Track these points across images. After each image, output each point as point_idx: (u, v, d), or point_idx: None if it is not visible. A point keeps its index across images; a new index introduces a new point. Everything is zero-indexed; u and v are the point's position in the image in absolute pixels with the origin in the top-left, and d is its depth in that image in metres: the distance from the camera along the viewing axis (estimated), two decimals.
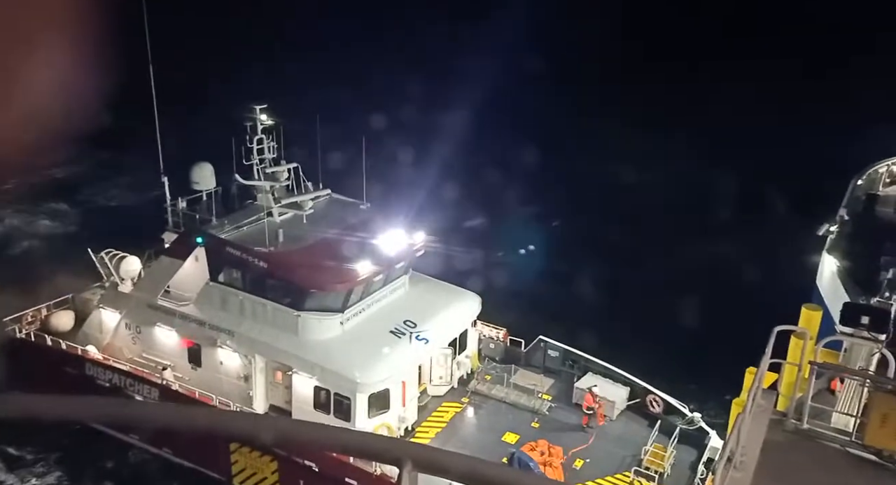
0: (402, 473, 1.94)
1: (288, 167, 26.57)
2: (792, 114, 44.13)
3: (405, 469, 1.94)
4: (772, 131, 42.70)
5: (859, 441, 10.92)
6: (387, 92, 51.17)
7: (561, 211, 39.36)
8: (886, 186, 18.55)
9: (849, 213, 17.93)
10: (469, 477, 1.90)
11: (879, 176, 19.02)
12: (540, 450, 21.61)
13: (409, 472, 1.94)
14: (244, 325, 23.63)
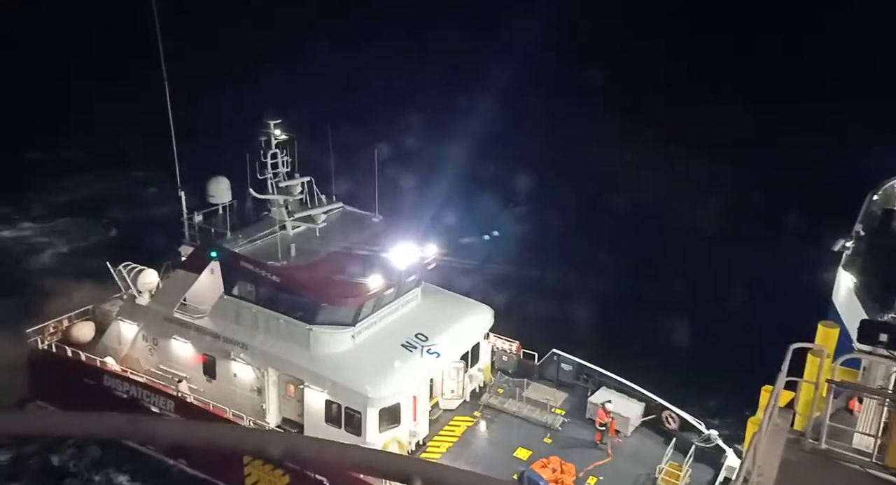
0: None
1: (301, 181, 26.74)
2: (808, 128, 43.61)
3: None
4: (788, 146, 42.23)
5: (880, 462, 10.55)
6: (402, 102, 51.53)
7: (577, 224, 39.04)
8: None
9: (864, 228, 17.56)
10: None
11: (895, 191, 18.64)
12: (552, 467, 21.25)
13: None
14: (257, 338, 23.68)
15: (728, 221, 36.81)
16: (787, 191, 36.40)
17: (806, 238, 22.69)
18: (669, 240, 36.88)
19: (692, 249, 35.43)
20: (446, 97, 51.52)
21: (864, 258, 16.52)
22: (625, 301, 31.88)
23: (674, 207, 39.22)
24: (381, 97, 53.43)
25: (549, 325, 29.31)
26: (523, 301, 30.64)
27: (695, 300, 30.53)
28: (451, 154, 40.65)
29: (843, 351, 11.84)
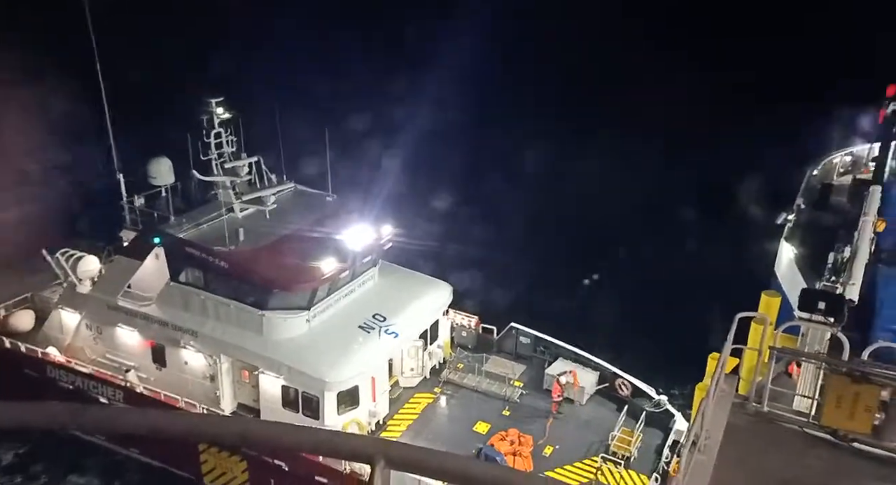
0: (375, 471, 1.89)
1: (249, 161, 26.03)
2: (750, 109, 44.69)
3: (378, 467, 1.90)
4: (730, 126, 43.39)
5: (816, 422, 11.23)
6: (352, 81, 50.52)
7: (529, 202, 39.45)
8: (840, 176, 19.05)
9: (805, 202, 18.38)
10: (441, 473, 1.89)
11: (833, 166, 19.52)
12: (510, 439, 21.78)
13: (382, 470, 1.89)
14: (207, 325, 23.20)
15: (675, 200, 37.86)
16: (732, 169, 37.54)
17: (751, 213, 23.68)
18: (619, 218, 37.72)
19: (642, 226, 36.40)
20: (399, 81, 50.80)
21: (804, 230, 17.33)
22: (579, 276, 32.66)
23: (622, 188, 40.04)
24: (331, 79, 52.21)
25: (507, 300, 29.79)
26: (481, 277, 30.96)
27: (645, 275, 31.52)
28: (404, 138, 40.34)
29: (785, 319, 12.47)
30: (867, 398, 10.79)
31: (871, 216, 15.29)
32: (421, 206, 35.14)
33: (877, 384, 10.70)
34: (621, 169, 41.16)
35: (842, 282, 14.17)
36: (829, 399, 11.02)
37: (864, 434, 10.87)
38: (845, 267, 14.43)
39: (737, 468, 10.53)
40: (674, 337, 25.13)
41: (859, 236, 14.72)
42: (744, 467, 10.68)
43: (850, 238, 15.05)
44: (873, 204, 15.61)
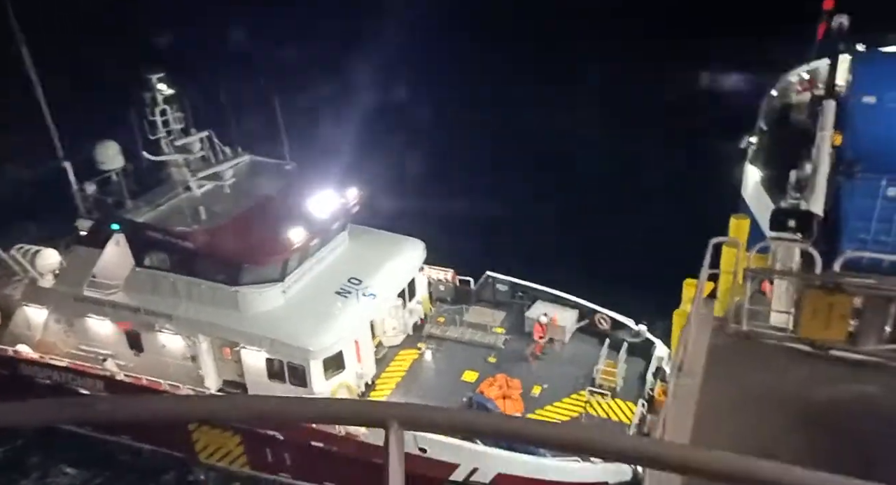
0: (389, 433, 1.92)
1: (199, 136, 25.03)
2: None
3: (391, 430, 1.92)
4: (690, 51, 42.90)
5: (794, 335, 11.48)
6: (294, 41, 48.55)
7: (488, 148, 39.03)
8: (799, 94, 19.09)
9: (766, 123, 18.43)
10: (451, 428, 1.96)
11: (791, 85, 19.52)
12: (499, 384, 22.09)
13: (396, 432, 1.92)
14: (181, 307, 22.65)
15: (638, 131, 37.79)
16: (695, 98, 37.55)
17: (717, 140, 23.75)
18: (581, 154, 37.62)
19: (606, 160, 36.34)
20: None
21: (767, 151, 17.43)
22: (546, 217, 32.65)
23: (584, 123, 39.76)
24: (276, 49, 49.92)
25: (480, 250, 29.74)
26: (452, 230, 30.75)
27: (613, 208, 31.68)
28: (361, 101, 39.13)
29: (755, 240, 12.58)
30: (841, 307, 11.04)
31: (828, 131, 15.43)
32: (383, 165, 34.45)
33: (849, 293, 10.95)
34: (581, 104, 40.82)
35: (805, 198, 14.36)
36: (805, 312, 11.25)
37: (840, 342, 11.17)
38: (808, 183, 14.60)
39: (722, 387, 10.74)
40: (646, 267, 25.51)
41: (818, 152, 14.86)
42: (729, 385, 10.90)
43: (811, 155, 15.18)
44: (829, 118, 15.73)
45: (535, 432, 1.94)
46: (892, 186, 12.94)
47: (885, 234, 13.46)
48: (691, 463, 1.73)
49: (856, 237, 13.65)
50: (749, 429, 9.97)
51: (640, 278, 25.41)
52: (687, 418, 9.93)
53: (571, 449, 2.00)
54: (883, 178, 12.88)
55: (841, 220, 13.73)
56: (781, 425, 9.98)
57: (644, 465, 1.87)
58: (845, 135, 14.94)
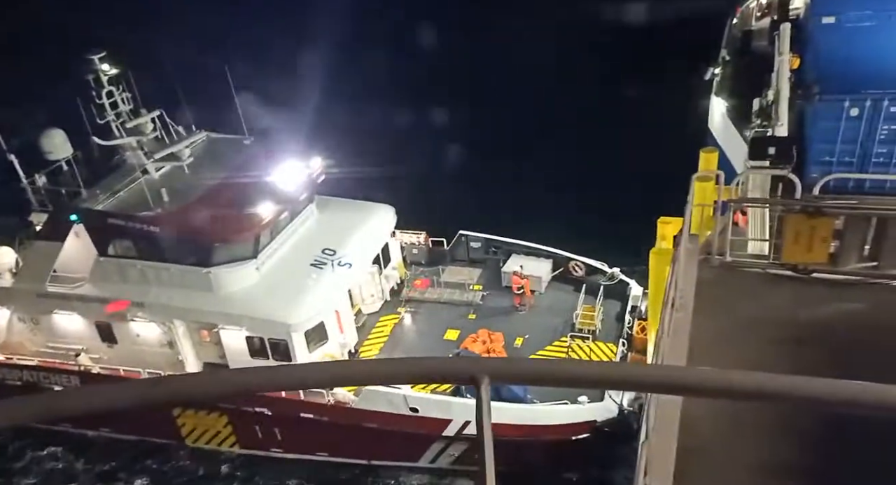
0: (481, 388, 1.89)
1: (151, 116, 23.48)
2: None
3: (483, 384, 1.89)
4: None
5: (777, 261, 11.31)
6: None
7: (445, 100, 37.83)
8: (758, 20, 18.73)
9: (728, 53, 18.08)
10: (539, 378, 1.98)
11: (750, 11, 19.14)
12: (482, 339, 21.84)
13: (486, 386, 1.89)
14: (151, 293, 21.54)
15: (601, 69, 37.02)
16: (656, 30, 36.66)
17: (680, 74, 23.27)
18: (539, 96, 36.79)
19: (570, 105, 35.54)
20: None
21: (731, 81, 17.13)
22: (511, 167, 32.05)
23: (541, 58, 38.68)
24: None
25: (450, 209, 29.12)
26: (420, 192, 30.02)
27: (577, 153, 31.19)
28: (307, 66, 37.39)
29: (725, 172, 12.26)
30: (822, 230, 10.89)
31: (786, 55, 15.16)
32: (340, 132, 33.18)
33: (830, 216, 10.78)
34: (538, 38, 39.62)
35: (771, 124, 14.13)
36: (787, 237, 11.07)
37: (822, 264, 11.04)
38: (771, 110, 14.36)
39: (712, 318, 10.56)
40: (617, 209, 25.31)
41: (778, 77, 14.61)
42: (718, 315, 10.73)
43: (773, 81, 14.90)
44: (785, 42, 15.47)
45: (616, 374, 1.92)
46: (854, 107, 12.76)
47: (849, 155, 13.37)
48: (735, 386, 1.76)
49: (820, 160, 13.54)
50: (740, 355, 9.85)
51: (609, 219, 25.27)
52: (682, 350, 9.71)
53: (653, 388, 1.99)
54: (846, 98, 12.68)
55: (805, 144, 13.58)
56: (771, 348, 9.87)
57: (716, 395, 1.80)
58: (806, 57, 14.68)
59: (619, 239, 22.73)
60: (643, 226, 17.31)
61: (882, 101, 12.13)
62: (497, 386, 2.65)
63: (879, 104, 12.16)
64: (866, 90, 12.20)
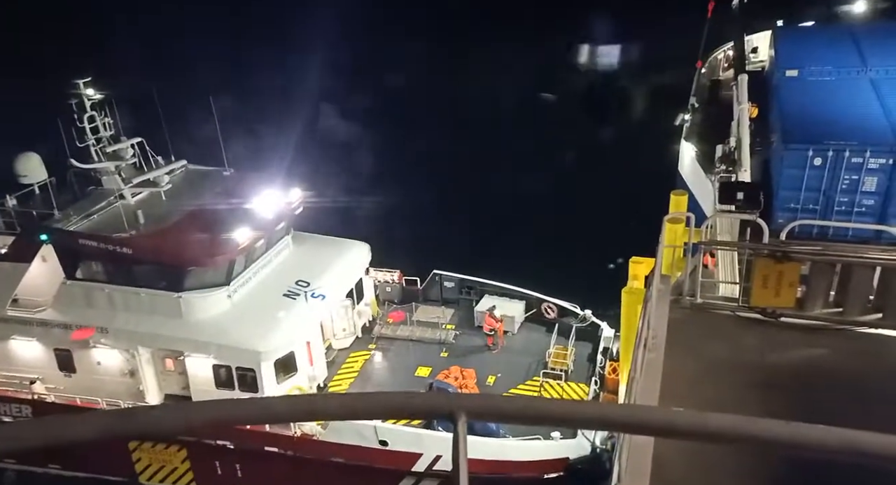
0: (458, 424, 1.80)
1: (131, 142, 23.08)
2: None
3: (460, 421, 1.80)
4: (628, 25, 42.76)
5: (746, 304, 11.22)
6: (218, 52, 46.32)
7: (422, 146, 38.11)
8: (725, 71, 19.36)
9: (697, 100, 18.59)
10: (520, 416, 1.87)
11: (718, 62, 19.78)
12: (454, 375, 21.28)
13: (464, 423, 1.81)
14: (118, 319, 20.63)
15: (575, 113, 37.66)
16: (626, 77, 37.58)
17: (651, 118, 23.76)
18: (515, 140, 37.21)
19: (541, 147, 36.00)
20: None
21: (700, 127, 17.51)
22: (487, 210, 32.08)
23: (511, 108, 39.32)
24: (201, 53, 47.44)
25: (425, 248, 28.85)
26: (395, 231, 29.76)
27: (553, 195, 31.36)
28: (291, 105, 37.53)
29: (695, 214, 12.29)
30: (790, 275, 10.86)
31: (745, 104, 15.58)
32: (323, 168, 33.04)
33: (797, 261, 10.76)
34: (513, 84, 40.29)
35: (734, 170, 14.36)
36: (756, 281, 11.00)
37: (789, 308, 10.97)
38: (733, 156, 14.62)
39: (684, 359, 10.34)
40: (587, 249, 25.28)
41: (738, 125, 14.96)
42: (690, 357, 10.52)
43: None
44: (743, 92, 15.95)
45: (603, 414, 1.83)
46: (818, 156, 13.00)
47: (813, 202, 13.55)
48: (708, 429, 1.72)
49: (787, 206, 13.71)
50: (711, 397, 9.63)
51: (582, 261, 25.21)
52: (654, 391, 9.44)
53: (635, 430, 1.86)
54: (809, 148, 12.92)
55: (772, 189, 13.76)
56: (740, 391, 9.68)
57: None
58: (772, 108, 15.07)
59: (591, 280, 22.64)
60: (616, 266, 17.20)
61: (843, 152, 12.38)
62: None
63: (841, 155, 12.40)
64: (828, 141, 12.45)
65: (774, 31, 18.40)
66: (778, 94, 14.59)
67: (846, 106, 13.37)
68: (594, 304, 23.24)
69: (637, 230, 14.13)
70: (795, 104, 13.83)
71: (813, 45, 15.98)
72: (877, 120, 13.04)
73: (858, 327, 10.64)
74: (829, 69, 14.31)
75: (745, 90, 16.00)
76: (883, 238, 11.70)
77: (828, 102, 13.52)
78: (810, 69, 14.39)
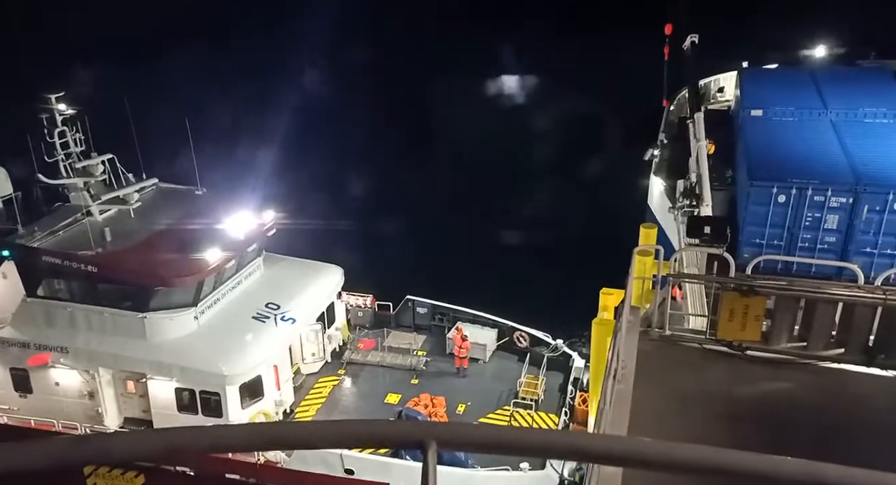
0: (429, 453, 1.77)
1: (102, 159, 22.57)
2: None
3: (430, 450, 1.77)
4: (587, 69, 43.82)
5: (713, 337, 11.29)
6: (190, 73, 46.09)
7: (397, 173, 38.18)
8: (701, 109, 19.94)
9: (666, 136, 19.06)
10: (492, 444, 1.81)
11: (685, 100, 20.38)
12: (423, 403, 20.91)
13: (434, 452, 1.78)
14: (79, 338, 19.87)
15: (545, 147, 38.21)
16: (598, 111, 38.27)
17: (621, 154, 24.25)
18: (490, 171, 37.54)
19: (516, 178, 36.39)
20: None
21: (668, 163, 17.92)
22: (461, 238, 32.09)
23: (487, 140, 39.77)
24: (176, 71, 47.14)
25: (399, 274, 28.63)
26: (369, 255, 29.50)
27: (525, 225, 31.55)
28: (266, 124, 37.40)
29: (664, 247, 12.42)
30: (756, 309, 10.97)
31: (702, 141, 16.03)
32: (296, 188, 32.76)
33: (763, 295, 10.90)
34: (486, 118, 40.69)
35: (696, 205, 14.65)
36: (722, 314, 11.10)
37: (755, 342, 11.07)
38: (694, 191, 14.94)
39: (652, 390, 10.33)
40: (560, 280, 25.37)
41: (698, 161, 15.34)
42: (658, 388, 10.51)
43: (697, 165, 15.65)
44: (700, 130, 16.44)
45: (574, 444, 1.82)
46: (781, 194, 13.32)
47: (778, 238, 13.83)
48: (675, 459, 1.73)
49: (752, 241, 13.96)
50: (679, 429, 9.60)
51: (555, 291, 25.25)
52: (623, 422, 9.37)
53: (605, 460, 1.83)
54: (773, 185, 13.23)
55: (738, 225, 14.03)
56: (708, 423, 9.68)
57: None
58: (738, 145, 15.46)
59: (562, 310, 22.69)
60: (587, 298, 17.25)
61: (806, 190, 12.69)
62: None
63: (804, 193, 12.71)
64: (792, 179, 12.76)
65: (740, 72, 19.07)
66: (743, 133, 15.00)
67: (808, 146, 13.78)
68: (566, 333, 23.23)
69: (609, 261, 14.18)
70: (760, 143, 14.20)
71: (777, 87, 16.57)
72: (837, 160, 13.45)
73: (821, 362, 10.77)
74: (792, 110, 14.78)
75: (702, 128, 16.49)
76: (844, 275, 11.95)
77: (791, 142, 13.93)
78: (774, 109, 14.85)
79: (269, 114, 39.37)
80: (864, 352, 10.47)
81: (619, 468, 7.48)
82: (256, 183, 26.24)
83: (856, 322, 10.46)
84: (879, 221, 12.57)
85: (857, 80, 17.19)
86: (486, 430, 1.81)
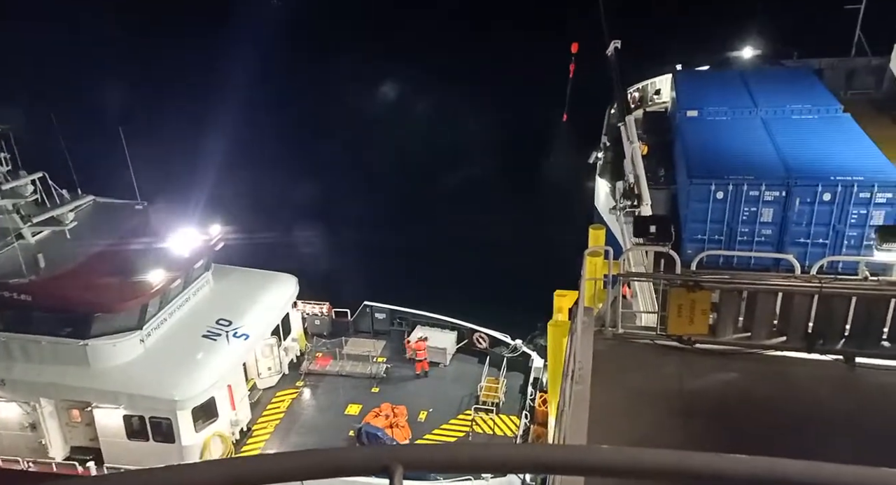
0: (395, 478, 1.76)
1: (31, 178, 21.30)
2: None
3: (396, 475, 1.76)
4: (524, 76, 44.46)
5: (664, 333, 11.53)
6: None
7: (348, 179, 37.76)
8: (633, 110, 20.39)
9: (609, 139, 19.47)
10: (459, 465, 1.86)
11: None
12: (385, 414, 20.61)
13: (400, 476, 1.77)
14: (16, 369, 18.71)
15: (490, 152, 38.53)
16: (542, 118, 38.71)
17: (570, 159, 24.66)
18: (440, 175, 37.57)
19: (465, 182, 36.51)
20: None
21: (612, 165, 18.30)
22: (415, 242, 31.96)
23: (436, 145, 39.82)
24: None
25: (355, 280, 28.21)
26: (324, 263, 28.95)
27: (477, 229, 31.70)
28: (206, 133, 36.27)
29: (612, 247, 12.65)
30: (702, 303, 11.28)
31: (636, 143, 16.49)
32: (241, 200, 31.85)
33: (708, 289, 11.20)
34: (433, 124, 40.74)
35: (637, 205, 15.03)
36: (671, 310, 11.36)
37: (703, 335, 11.37)
38: (633, 191, 15.33)
39: (610, 390, 10.49)
40: (515, 281, 25.55)
41: (633, 163, 15.75)
42: (615, 387, 10.68)
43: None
44: (632, 132, 16.92)
45: (547, 457, 1.83)
46: (720, 190, 13.79)
47: (718, 233, 14.31)
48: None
49: (694, 237, 14.40)
50: (637, 427, 9.75)
51: (511, 292, 25.41)
52: (583, 423, 9.45)
53: (569, 471, 1.82)
54: (712, 182, 13.67)
55: (681, 222, 14.43)
56: (664, 419, 9.87)
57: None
58: (676, 145, 15.92)
59: (520, 311, 22.84)
60: (542, 297, 17.43)
61: (742, 185, 13.15)
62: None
63: (740, 188, 13.17)
64: (729, 176, 13.19)
65: (674, 75, 19.67)
66: (681, 133, 15.44)
67: (742, 143, 14.32)
68: (524, 333, 23.38)
69: (557, 262, 14.32)
70: (697, 142, 14.66)
71: (710, 88, 17.17)
72: (769, 156, 14.01)
73: (766, 350, 11.17)
74: (725, 109, 15.32)
75: (634, 130, 16.97)
76: (781, 265, 12.43)
77: (726, 140, 14.43)
78: (709, 109, 15.35)
79: (208, 120, 38.17)
80: (804, 339, 10.92)
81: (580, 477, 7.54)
82: (199, 197, 25.30)
83: (795, 311, 10.89)
84: (811, 213, 13.16)
85: (783, 79, 18.02)
86: (451, 450, 1.83)
